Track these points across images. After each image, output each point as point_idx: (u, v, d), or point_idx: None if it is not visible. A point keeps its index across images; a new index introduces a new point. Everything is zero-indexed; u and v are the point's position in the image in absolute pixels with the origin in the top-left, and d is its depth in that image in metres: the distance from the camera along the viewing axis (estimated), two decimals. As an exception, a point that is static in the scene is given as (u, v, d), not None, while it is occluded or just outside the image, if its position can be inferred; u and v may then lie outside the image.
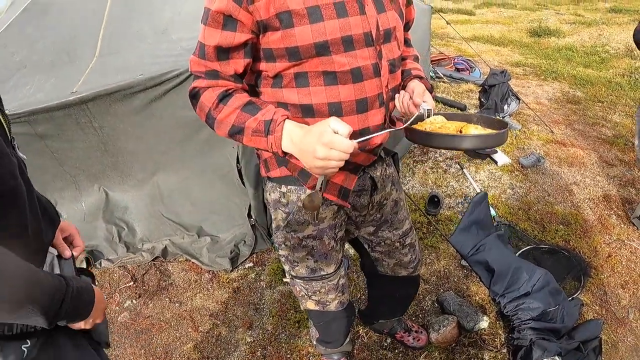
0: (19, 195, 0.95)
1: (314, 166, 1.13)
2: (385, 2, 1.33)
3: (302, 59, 1.24)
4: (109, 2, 3.18)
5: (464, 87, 6.13)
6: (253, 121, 1.22)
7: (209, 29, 1.22)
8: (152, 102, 2.72)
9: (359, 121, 1.34)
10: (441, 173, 4.01)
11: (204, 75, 1.28)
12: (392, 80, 1.40)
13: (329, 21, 1.20)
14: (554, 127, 4.89)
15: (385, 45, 1.34)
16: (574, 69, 7.15)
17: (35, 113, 2.65)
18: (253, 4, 1.16)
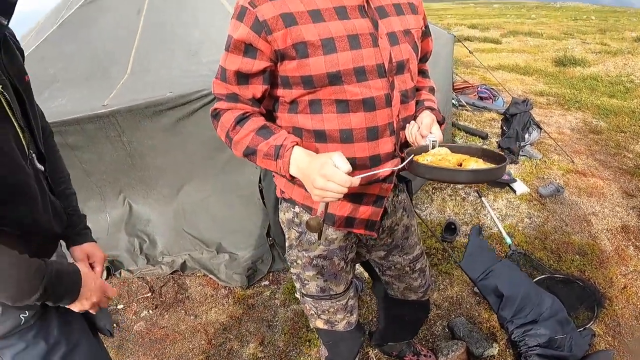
0: (33, 197, 1.12)
1: (313, 193, 1.21)
2: (399, 35, 1.39)
3: (315, 87, 1.31)
4: (142, 21, 3.35)
5: (487, 116, 6.15)
6: (265, 145, 1.31)
7: (231, 55, 1.32)
8: (180, 120, 2.83)
9: (369, 148, 1.40)
10: (459, 201, 4.03)
11: (224, 98, 1.39)
12: (404, 111, 1.45)
13: (342, 53, 1.28)
14: (575, 157, 4.87)
15: (397, 76, 1.39)
16: (598, 98, 7.12)
17: (66, 124, 2.79)
18: (272, 35, 1.25)
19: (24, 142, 1.10)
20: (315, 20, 1.27)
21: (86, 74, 3.16)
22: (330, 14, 1.29)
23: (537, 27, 17.87)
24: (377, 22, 1.34)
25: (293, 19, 1.25)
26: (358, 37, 1.30)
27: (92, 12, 3.49)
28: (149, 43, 3.25)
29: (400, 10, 1.43)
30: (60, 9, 3.83)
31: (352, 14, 1.31)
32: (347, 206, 1.53)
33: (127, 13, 3.41)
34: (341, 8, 1.30)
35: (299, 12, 1.26)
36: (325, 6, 1.29)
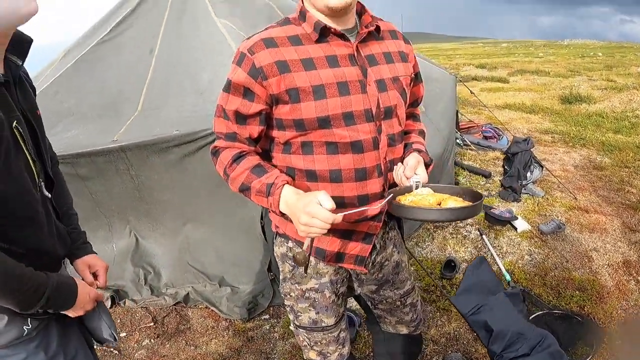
0: (40, 222, 1.24)
1: (299, 229, 1.30)
2: (388, 82, 1.48)
3: (307, 130, 1.42)
4: (154, 61, 3.53)
5: (491, 155, 6.23)
6: (258, 182, 1.41)
7: (231, 96, 1.44)
8: (186, 156, 2.95)
9: (358, 188, 1.49)
10: (460, 239, 4.07)
11: (223, 137, 1.49)
12: (391, 153, 1.52)
13: (332, 99, 1.38)
14: (578, 193, 4.91)
15: (385, 121, 1.47)
16: (603, 135, 7.18)
17: (78, 156, 2.93)
18: (267, 80, 1.37)
19: (34, 171, 1.22)
20: (307, 68, 1.38)
21: (98, 110, 3.32)
22: (321, 62, 1.40)
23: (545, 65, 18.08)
24: (366, 69, 1.44)
25: (287, 67, 1.37)
26: (347, 84, 1.40)
27: (106, 50, 3.69)
28: (160, 82, 3.41)
29: (390, 59, 1.52)
30: (76, 46, 4.04)
31: (342, 62, 1.42)
32: (337, 242, 1.60)
33: (140, 52, 3.61)
34: (332, 57, 1.41)
35: (292, 60, 1.38)
36: (317, 55, 1.40)
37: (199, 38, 3.60)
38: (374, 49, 1.50)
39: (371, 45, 1.50)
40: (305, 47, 1.41)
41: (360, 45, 1.47)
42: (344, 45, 1.44)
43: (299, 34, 1.43)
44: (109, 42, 3.70)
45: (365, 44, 1.48)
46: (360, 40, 1.46)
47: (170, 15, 3.76)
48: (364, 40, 1.48)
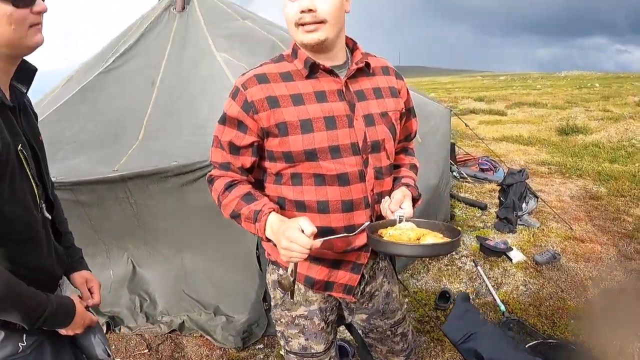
0: (40, 242, 1.31)
1: (281, 254, 1.36)
2: (376, 117, 1.54)
3: (295, 162, 1.48)
4: (155, 93, 3.63)
5: (487, 187, 6.29)
6: (247, 209, 1.47)
7: (226, 128, 1.52)
8: (184, 186, 3.00)
9: (344, 219, 1.53)
10: (455, 270, 4.08)
11: (218, 166, 1.57)
12: (379, 186, 1.56)
13: (318, 132, 1.45)
14: (574, 223, 4.94)
15: (372, 154, 1.52)
16: (600, 165, 7.27)
17: (79, 184, 2.98)
18: (257, 114, 1.45)
19: (36, 193, 1.29)
20: (295, 103, 1.46)
21: (100, 139, 3.39)
22: (310, 98, 1.47)
23: (542, 97, 18.31)
24: (354, 104, 1.50)
25: (276, 102, 1.45)
26: (334, 118, 1.47)
27: (109, 80, 3.79)
28: (161, 113, 3.50)
29: (379, 94, 1.58)
30: (79, 74, 4.15)
31: (330, 98, 1.49)
32: (326, 271, 1.64)
33: (141, 84, 3.70)
34: (321, 92, 1.49)
35: (282, 95, 1.46)
36: (306, 90, 1.48)
37: (200, 71, 3.71)
38: (363, 85, 1.56)
39: (361, 80, 1.56)
40: (296, 83, 1.49)
41: (350, 81, 1.53)
42: (333, 81, 1.50)
43: (290, 71, 1.51)
44: (112, 72, 3.81)
45: (355, 79, 1.54)
46: (350, 76, 1.52)
47: (172, 48, 3.89)
48: (354, 76, 1.54)
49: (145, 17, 4.31)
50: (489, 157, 7.30)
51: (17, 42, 1.20)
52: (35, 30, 1.23)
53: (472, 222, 5.11)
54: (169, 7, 4.20)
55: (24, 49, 1.23)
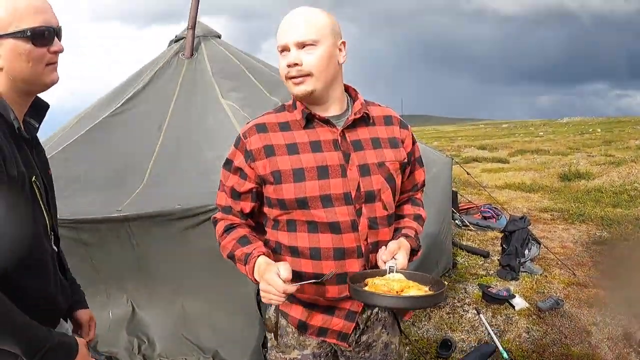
0: (48, 273, 1.33)
1: (261, 294, 1.41)
2: (372, 167, 1.54)
3: (288, 209, 1.53)
4: (162, 137, 3.71)
5: (490, 235, 6.30)
6: (239, 251, 1.53)
7: (229, 174, 1.61)
8: (187, 230, 3.03)
9: (337, 266, 1.52)
10: (457, 318, 4.05)
11: (221, 209, 1.65)
12: (374, 236, 1.55)
13: (310, 181, 1.49)
14: (577, 269, 4.92)
15: (366, 204, 1.52)
16: (602, 209, 7.28)
17: (83, 222, 3.03)
18: (255, 162, 1.53)
19: (47, 224, 1.34)
20: (290, 152, 1.52)
21: (105, 180, 3.45)
22: (304, 147, 1.52)
23: (545, 144, 18.50)
24: (349, 154, 1.53)
25: (272, 151, 1.52)
26: (327, 168, 1.50)
27: (117, 122, 3.88)
28: (166, 157, 3.57)
29: (377, 144, 1.59)
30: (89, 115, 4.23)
31: (325, 148, 1.53)
32: (320, 317, 1.64)
33: (149, 128, 3.79)
34: (316, 142, 1.53)
35: (278, 144, 1.53)
36: (302, 140, 1.53)
37: (206, 118, 3.80)
38: (361, 134, 1.58)
39: (360, 130, 1.58)
40: (292, 133, 1.54)
41: (348, 131, 1.56)
42: (329, 131, 1.54)
43: (289, 121, 1.57)
44: (120, 115, 3.91)
45: (354, 129, 1.57)
46: (349, 126, 1.56)
47: (180, 94, 4.00)
48: (353, 126, 1.57)
49: (155, 61, 4.45)
50: (492, 205, 7.34)
51: (33, 79, 1.27)
52: (52, 69, 1.30)
53: (475, 270, 5.09)
54: (178, 53, 4.35)
55: (39, 85, 1.30)
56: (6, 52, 1.23)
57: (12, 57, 1.23)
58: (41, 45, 1.25)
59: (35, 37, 1.24)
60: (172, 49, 4.45)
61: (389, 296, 1.35)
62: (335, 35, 1.52)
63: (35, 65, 1.25)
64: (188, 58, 4.28)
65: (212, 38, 4.63)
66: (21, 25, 1.22)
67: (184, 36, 4.40)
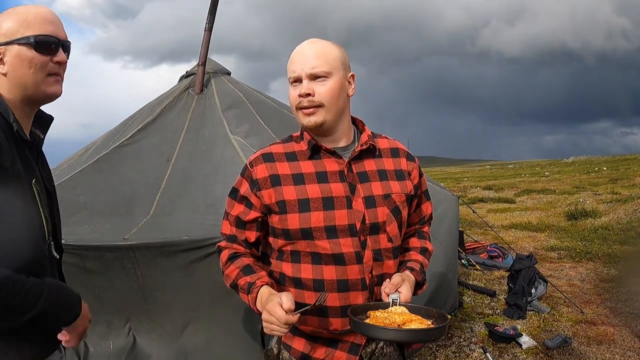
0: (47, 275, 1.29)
1: (263, 325, 1.38)
2: (378, 199, 1.54)
3: (293, 240, 1.52)
4: (170, 170, 3.75)
5: (496, 274, 6.25)
6: (243, 280, 1.52)
7: (235, 203, 1.61)
8: (193, 262, 3.02)
9: (341, 299, 1.52)
10: (463, 357, 3.98)
11: (226, 238, 1.66)
12: (379, 268, 1.54)
13: (315, 212, 1.49)
14: (585, 307, 4.86)
15: (371, 236, 1.52)
16: (610, 247, 7.23)
17: (87, 249, 3.02)
18: (260, 191, 1.54)
19: (45, 229, 1.33)
20: (296, 182, 1.52)
21: (112, 209, 3.48)
22: (310, 178, 1.53)
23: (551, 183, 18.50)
24: (355, 186, 1.53)
25: (278, 180, 1.54)
26: (333, 199, 1.50)
27: (126, 153, 3.94)
28: (173, 190, 3.60)
29: (384, 176, 1.59)
30: (98, 145, 4.32)
31: (331, 179, 1.53)
32: (323, 349, 1.61)
33: (157, 159, 3.85)
34: (322, 173, 1.54)
35: (285, 174, 1.55)
36: (308, 171, 1.55)
37: (214, 152, 3.86)
38: (368, 166, 1.58)
39: (366, 162, 1.59)
40: (299, 163, 1.56)
41: (354, 162, 1.57)
42: (335, 162, 1.55)
43: (295, 151, 1.58)
44: (129, 146, 3.97)
45: (360, 161, 1.58)
46: (355, 157, 1.57)
47: (189, 128, 4.07)
48: (359, 158, 1.58)
49: (165, 96, 4.55)
50: (498, 245, 7.32)
51: (34, 87, 1.29)
52: (54, 81, 1.33)
53: (481, 309, 5.03)
54: (188, 88, 4.45)
55: (40, 94, 1.32)
56: (11, 58, 1.27)
57: (15, 63, 1.27)
58: (44, 53, 1.28)
59: (39, 45, 1.27)
60: (183, 84, 4.55)
61: (388, 328, 1.33)
62: (345, 67, 1.56)
63: (37, 73, 1.28)
64: (198, 93, 4.37)
65: (222, 75, 4.75)
66: (27, 32, 1.27)
67: (195, 72, 4.51)
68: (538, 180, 21.16)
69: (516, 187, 17.90)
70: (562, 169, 28.81)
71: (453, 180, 27.39)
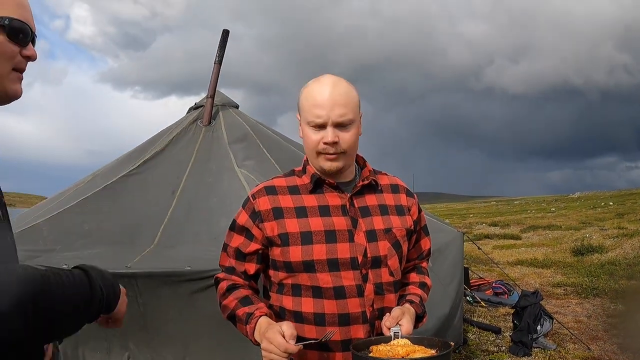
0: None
1: (262, 354, 1.36)
2: (379, 233, 1.55)
3: (295, 272, 1.51)
4: (175, 201, 3.76)
5: (502, 311, 6.21)
6: (241, 311, 1.50)
7: (235, 234, 1.61)
8: (195, 293, 3.01)
9: (342, 333, 1.50)
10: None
11: (224, 270, 1.63)
12: (380, 302, 1.53)
13: (317, 245, 1.49)
14: (592, 343, 4.79)
15: (372, 270, 1.52)
16: (617, 282, 7.17)
17: None
18: (263, 224, 1.54)
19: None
20: (299, 215, 1.52)
21: (116, 237, 3.48)
22: (313, 211, 1.53)
23: (557, 219, 18.39)
24: (357, 220, 1.54)
25: (281, 213, 1.53)
26: (335, 232, 1.50)
27: (133, 183, 3.96)
28: (178, 221, 3.60)
29: (385, 211, 1.60)
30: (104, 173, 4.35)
31: (333, 212, 1.53)
32: None
33: (163, 191, 3.87)
34: (324, 207, 1.54)
35: (287, 207, 1.54)
36: (311, 204, 1.54)
37: (220, 185, 3.88)
38: (369, 201, 1.59)
39: (368, 197, 1.60)
40: (301, 197, 1.56)
41: (356, 197, 1.58)
42: (337, 196, 1.56)
43: (298, 184, 1.59)
44: (136, 176, 4.00)
45: (362, 195, 1.59)
46: (357, 192, 1.58)
47: (196, 160, 4.10)
48: (361, 192, 1.59)
49: (173, 127, 4.59)
50: (503, 281, 7.27)
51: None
52: (17, 78, 1.10)
53: (486, 347, 4.97)
54: (196, 120, 4.50)
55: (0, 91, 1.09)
56: None
57: None
58: (16, 42, 1.06)
59: (13, 31, 1.05)
60: (191, 116, 4.61)
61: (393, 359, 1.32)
62: (359, 109, 1.56)
63: (3, 63, 1.05)
64: (206, 125, 4.42)
65: (230, 108, 4.82)
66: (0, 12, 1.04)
67: (203, 104, 4.58)
68: (544, 216, 21.05)
69: (522, 223, 17.81)
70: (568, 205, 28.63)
71: (458, 216, 27.30)
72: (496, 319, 5.90)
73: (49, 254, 3.21)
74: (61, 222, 3.54)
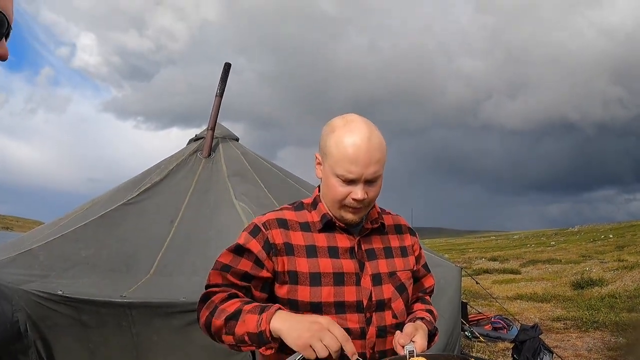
0: None
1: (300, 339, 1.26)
2: (384, 277, 1.54)
3: (300, 312, 1.44)
4: (173, 231, 3.78)
5: (501, 346, 6.14)
6: (250, 305, 1.38)
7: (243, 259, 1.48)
8: (189, 325, 2.99)
9: None
10: None
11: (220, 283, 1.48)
12: (381, 344, 1.52)
13: (326, 287, 1.46)
14: (593, 378, 4.73)
15: (377, 313, 1.51)
16: (617, 315, 7.10)
17: (84, 302, 2.99)
18: (276, 257, 1.47)
19: None
20: (309, 255, 1.49)
21: (112, 265, 3.48)
22: (323, 252, 1.50)
23: (556, 253, 18.31)
24: (363, 263, 1.52)
25: (292, 250, 1.48)
26: (343, 275, 1.48)
27: (131, 212, 3.97)
28: (175, 252, 3.61)
29: (389, 254, 1.59)
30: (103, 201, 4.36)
31: (342, 255, 1.51)
32: None
33: (161, 220, 3.89)
34: (334, 248, 1.51)
35: (298, 245, 1.49)
36: (321, 244, 1.51)
37: (218, 217, 3.90)
38: (375, 243, 1.58)
39: (374, 239, 1.58)
40: (312, 235, 1.52)
41: (363, 239, 1.56)
42: (346, 238, 1.53)
43: (308, 221, 1.55)
44: (134, 205, 4.02)
45: (369, 238, 1.57)
46: (364, 235, 1.56)
47: (194, 191, 4.14)
48: (368, 234, 1.57)
49: (174, 157, 4.63)
50: (502, 316, 7.21)
51: None
52: None
53: (485, 381, 4.92)
54: (197, 151, 4.55)
55: None
56: None
57: None
58: None
59: None
60: (191, 147, 4.65)
61: None
62: None
63: None
64: (205, 157, 4.47)
65: (230, 140, 4.87)
66: None
67: (203, 136, 4.64)
68: (544, 250, 20.96)
69: (522, 258, 17.70)
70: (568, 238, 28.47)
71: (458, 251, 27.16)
72: (495, 354, 5.84)
73: (44, 280, 3.21)
74: (58, 248, 3.56)
